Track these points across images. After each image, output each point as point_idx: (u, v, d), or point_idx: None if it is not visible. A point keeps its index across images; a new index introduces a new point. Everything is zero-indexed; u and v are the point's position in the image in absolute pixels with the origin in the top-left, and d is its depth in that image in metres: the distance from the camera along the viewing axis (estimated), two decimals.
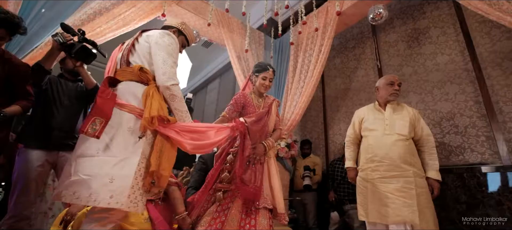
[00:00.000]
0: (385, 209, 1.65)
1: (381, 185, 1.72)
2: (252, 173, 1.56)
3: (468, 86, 2.41)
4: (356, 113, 2.10)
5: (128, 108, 1.09)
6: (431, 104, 2.62)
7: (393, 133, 1.80)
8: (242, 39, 3.39)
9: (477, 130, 2.27)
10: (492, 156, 2.15)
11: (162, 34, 1.23)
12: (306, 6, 3.03)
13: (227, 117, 1.74)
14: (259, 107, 1.79)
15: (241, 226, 1.44)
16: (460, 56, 2.52)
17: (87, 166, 1.00)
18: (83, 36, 1.54)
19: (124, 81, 1.19)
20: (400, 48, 3.06)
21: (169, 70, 1.15)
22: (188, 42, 1.51)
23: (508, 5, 1.52)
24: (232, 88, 5.48)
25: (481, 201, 2.11)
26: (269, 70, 1.78)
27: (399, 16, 3.17)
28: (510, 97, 2.14)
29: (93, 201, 0.95)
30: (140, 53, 1.23)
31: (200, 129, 1.23)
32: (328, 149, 3.55)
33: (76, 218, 1.29)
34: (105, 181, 0.97)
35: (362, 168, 1.89)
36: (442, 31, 2.72)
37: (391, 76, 1.98)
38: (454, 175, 2.29)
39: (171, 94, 1.16)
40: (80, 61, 1.61)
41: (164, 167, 1.06)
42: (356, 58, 3.55)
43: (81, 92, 1.88)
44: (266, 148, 1.64)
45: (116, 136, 1.05)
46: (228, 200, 1.52)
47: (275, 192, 1.60)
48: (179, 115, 1.19)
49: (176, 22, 1.48)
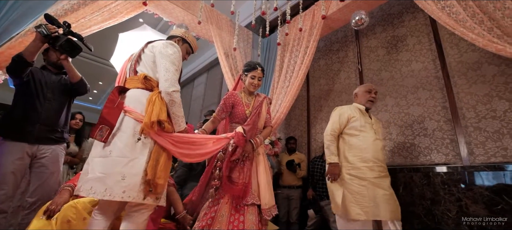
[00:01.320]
0: (380, 206, 1.76)
1: (378, 183, 1.82)
2: (240, 170, 1.61)
3: (437, 93, 2.62)
4: (339, 110, 2.12)
5: (134, 114, 1.21)
6: (404, 108, 2.82)
7: (380, 139, 1.99)
8: (230, 37, 3.44)
9: (443, 133, 2.49)
10: (455, 157, 2.37)
11: (166, 45, 1.33)
12: (293, 8, 3.13)
13: (217, 117, 1.80)
14: (248, 105, 1.80)
15: (231, 222, 1.49)
16: (432, 64, 2.73)
17: (102, 165, 1.14)
18: (69, 29, 1.53)
19: (132, 89, 1.30)
20: (380, 54, 3.24)
21: (171, 78, 1.25)
22: (192, 49, 1.60)
23: (470, 22, 1.69)
24: (219, 84, 5.51)
25: (443, 197, 2.32)
26: (257, 69, 1.80)
27: (380, 23, 3.35)
28: (472, 104, 2.37)
29: (108, 196, 1.08)
30: (145, 62, 1.34)
31: (196, 140, 1.32)
32: (310, 147, 3.70)
33: (62, 209, 1.30)
34: (118, 179, 1.10)
35: (353, 166, 1.91)
36: (418, 40, 2.92)
37: (369, 85, 2.15)
38: (421, 173, 2.50)
39: (171, 100, 1.26)
40: (65, 55, 1.60)
41: (159, 175, 1.15)
42: (340, 61, 3.71)
43: (65, 85, 1.84)
44: (253, 146, 1.66)
45: (125, 139, 1.17)
46: (218, 196, 1.57)
47: (261, 187, 1.64)
48: (175, 119, 1.30)
49: (180, 32, 1.56)
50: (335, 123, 2.05)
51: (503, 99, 2.21)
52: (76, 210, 1.29)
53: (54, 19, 1.49)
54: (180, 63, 1.37)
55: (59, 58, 1.63)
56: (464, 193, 2.23)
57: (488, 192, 2.11)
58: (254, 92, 1.88)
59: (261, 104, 1.81)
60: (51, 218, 1.30)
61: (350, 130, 2.01)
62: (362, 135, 1.96)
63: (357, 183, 1.85)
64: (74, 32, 1.54)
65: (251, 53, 3.62)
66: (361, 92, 2.14)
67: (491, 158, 2.17)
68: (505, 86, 2.23)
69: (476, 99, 2.36)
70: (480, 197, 2.14)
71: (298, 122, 4.01)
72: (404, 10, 3.14)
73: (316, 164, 3.06)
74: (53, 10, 2.13)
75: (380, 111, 3.01)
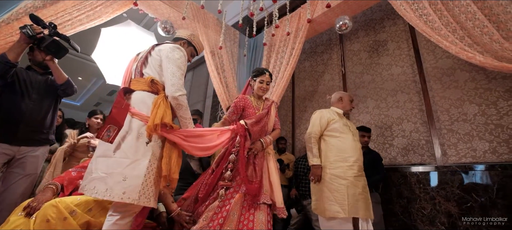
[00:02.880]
0: (358, 204, 1.83)
1: (356, 182, 1.89)
2: (253, 169, 1.66)
3: (414, 96, 2.75)
4: (319, 113, 2.20)
5: (139, 116, 1.24)
6: (384, 110, 2.94)
7: (357, 140, 2.09)
8: (216, 36, 3.42)
9: (419, 135, 2.62)
10: (430, 157, 2.51)
11: (172, 48, 1.36)
12: (280, 9, 3.16)
13: (227, 119, 1.88)
14: (258, 108, 1.89)
15: (241, 221, 1.49)
16: (410, 69, 2.87)
17: (104, 165, 1.16)
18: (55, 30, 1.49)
19: (138, 91, 1.32)
20: (362, 57, 3.35)
21: (177, 82, 1.28)
22: (197, 52, 1.64)
23: (445, 30, 1.80)
24: (205, 83, 5.46)
25: (419, 196, 2.45)
26: (265, 74, 1.91)
27: (363, 28, 3.46)
28: (446, 108, 2.51)
29: (108, 196, 1.09)
30: (152, 65, 1.36)
31: (204, 133, 1.38)
32: (294, 147, 3.76)
33: (42, 208, 1.25)
34: (119, 179, 1.11)
35: (334, 165, 1.97)
36: (397, 45, 3.05)
37: (351, 95, 2.34)
38: (399, 173, 2.62)
39: (177, 104, 1.29)
40: (50, 55, 1.56)
41: (174, 170, 1.20)
42: (324, 63, 3.80)
43: (51, 86, 1.79)
44: (263, 145, 1.74)
45: (129, 140, 1.19)
46: (229, 196, 1.58)
47: (274, 186, 1.67)
48: (183, 122, 1.34)
49: (186, 34, 1.59)
50: (316, 126, 2.12)
51: (473, 103, 2.37)
52: (57, 210, 1.24)
53: (40, 19, 1.45)
54: (186, 67, 1.40)
55: (45, 59, 1.57)
56: (437, 191, 2.36)
57: (458, 191, 2.25)
58: (263, 96, 1.98)
59: (270, 106, 1.91)
60: (31, 215, 1.24)
61: (330, 131, 2.10)
62: (342, 137, 2.05)
63: (337, 182, 1.91)
64: (60, 33, 1.50)
65: (237, 53, 3.62)
66: (346, 101, 2.29)
67: (462, 159, 2.32)
68: (475, 92, 2.38)
69: (449, 103, 2.50)
70: (452, 196, 2.27)
71: (283, 122, 4.06)
72: (385, 16, 3.27)
73: (299, 164, 3.11)
74: (29, 2, 2.03)
75: (362, 113, 3.12)
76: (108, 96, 9.14)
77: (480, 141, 2.26)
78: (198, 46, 1.64)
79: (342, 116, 2.21)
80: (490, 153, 2.19)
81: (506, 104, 2.20)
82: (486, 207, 2.09)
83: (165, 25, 2.96)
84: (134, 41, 2.92)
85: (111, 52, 2.85)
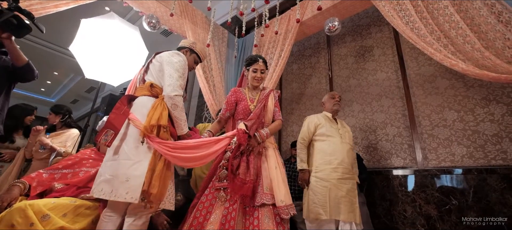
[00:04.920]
0: (340, 206, 1.83)
1: (340, 185, 1.89)
2: (246, 167, 1.47)
3: (398, 101, 2.84)
4: (308, 119, 2.24)
5: (137, 123, 1.29)
6: (369, 114, 3.00)
7: (346, 142, 2.09)
8: (205, 33, 3.34)
9: (402, 139, 2.69)
10: (411, 161, 2.58)
11: (172, 54, 1.43)
12: (270, 11, 3.15)
13: (222, 117, 1.76)
14: (253, 100, 1.73)
15: (246, 227, 1.35)
16: (394, 75, 2.95)
17: (110, 167, 1.23)
18: (16, 4, 1.34)
19: (140, 97, 1.40)
20: (348, 62, 3.42)
21: (173, 83, 1.33)
22: (200, 59, 1.69)
23: (430, 38, 1.86)
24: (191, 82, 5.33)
25: (401, 199, 2.51)
26: (258, 61, 1.73)
27: (350, 33, 3.53)
28: (427, 113, 2.60)
29: (114, 196, 1.15)
30: (153, 71, 1.44)
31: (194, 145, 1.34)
32: (281, 149, 3.75)
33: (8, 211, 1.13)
34: (122, 180, 1.18)
35: (319, 169, 1.99)
36: (383, 51, 3.14)
37: (332, 92, 2.34)
38: (382, 176, 2.67)
39: (173, 104, 1.32)
40: (8, 33, 1.39)
41: (153, 184, 1.18)
42: (312, 66, 3.83)
43: (6, 68, 1.57)
44: (258, 139, 1.56)
45: (131, 143, 1.26)
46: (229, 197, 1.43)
47: (274, 183, 1.48)
48: (178, 122, 1.37)
49: (188, 43, 1.66)
50: (304, 132, 2.18)
51: (452, 110, 2.47)
52: (24, 215, 1.12)
53: None
54: (185, 71, 1.45)
55: (1, 35, 1.40)
56: (418, 194, 2.43)
57: (438, 194, 2.33)
58: (259, 86, 1.80)
59: (267, 97, 1.72)
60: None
61: (318, 136, 2.13)
62: (328, 140, 2.07)
63: (321, 184, 1.92)
64: (22, 9, 1.34)
65: (226, 52, 3.56)
66: (326, 100, 2.31)
67: (441, 163, 2.41)
68: (454, 98, 2.49)
69: (430, 109, 2.60)
70: (432, 198, 2.35)
71: None
72: (371, 23, 3.36)
73: (286, 167, 3.10)
74: None
75: (348, 116, 3.17)
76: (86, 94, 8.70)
77: (458, 146, 2.36)
78: (201, 53, 1.67)
79: (331, 118, 2.22)
80: (467, 157, 2.29)
81: (482, 111, 2.32)
82: (463, 209, 2.18)
83: (151, 20, 2.84)
84: (117, 35, 2.77)
85: (91, 46, 2.69)
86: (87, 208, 1.36)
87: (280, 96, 1.83)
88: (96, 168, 1.54)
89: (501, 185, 2.07)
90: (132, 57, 2.90)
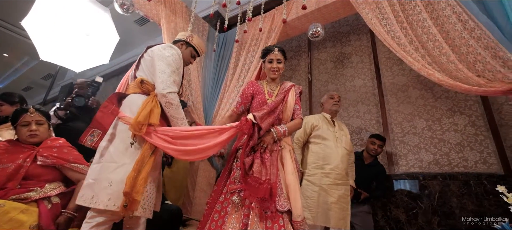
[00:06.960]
0: (330, 212, 1.79)
1: (331, 190, 1.85)
2: (258, 162, 1.27)
3: (373, 108, 2.94)
4: (305, 119, 2.14)
5: (126, 119, 1.19)
6: (346, 119, 3.06)
7: (341, 146, 2.04)
8: (184, 24, 3.15)
9: None
10: (384, 165, 2.67)
11: (164, 47, 1.34)
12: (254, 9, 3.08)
13: (235, 111, 1.59)
14: (271, 94, 1.55)
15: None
16: (370, 82, 3.06)
17: (93, 170, 1.13)
18: None
19: (130, 94, 1.31)
20: (328, 67, 3.47)
21: (166, 79, 1.23)
22: (197, 52, 1.59)
23: (409, 47, 1.93)
24: None
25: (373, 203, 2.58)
26: (274, 51, 1.56)
27: (330, 39, 3.61)
28: (399, 121, 2.73)
29: (94, 203, 1.04)
30: (144, 66, 1.34)
31: (196, 134, 1.20)
32: None
33: None
34: (105, 185, 1.06)
35: (311, 172, 1.94)
36: (360, 59, 3.24)
37: (331, 92, 2.30)
38: None
39: (167, 102, 1.22)
40: None
41: (138, 190, 1.04)
42: (292, 68, 3.84)
43: None
44: (274, 136, 1.37)
45: (116, 144, 1.16)
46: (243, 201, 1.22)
47: (290, 191, 1.29)
48: (175, 122, 1.26)
49: (184, 35, 1.56)
50: (300, 132, 2.10)
51: (422, 118, 2.62)
52: None
53: None
54: (179, 65, 1.36)
55: None
56: (389, 198, 2.52)
57: (406, 198, 2.44)
58: (278, 78, 1.64)
59: (288, 91, 1.53)
60: None
61: (314, 138, 2.08)
62: (323, 143, 2.02)
63: (311, 188, 1.88)
64: None
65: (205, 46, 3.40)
66: (325, 100, 2.27)
67: (410, 168, 2.53)
68: (424, 108, 2.64)
69: (402, 116, 2.73)
70: (401, 203, 2.45)
71: None
72: (351, 30, 3.46)
73: None
74: None
75: None
76: (42, 81, 7.79)
77: (426, 152, 2.50)
78: (199, 46, 1.57)
79: (329, 120, 2.16)
80: (434, 164, 2.43)
81: (448, 121, 2.48)
82: (428, 213, 2.30)
83: (124, 1, 2.59)
84: (83, 14, 2.47)
85: (50, 23, 2.35)
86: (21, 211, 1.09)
87: (301, 92, 1.67)
88: (16, 163, 1.23)
89: (462, 190, 2.22)
90: (100, 41, 2.61)
